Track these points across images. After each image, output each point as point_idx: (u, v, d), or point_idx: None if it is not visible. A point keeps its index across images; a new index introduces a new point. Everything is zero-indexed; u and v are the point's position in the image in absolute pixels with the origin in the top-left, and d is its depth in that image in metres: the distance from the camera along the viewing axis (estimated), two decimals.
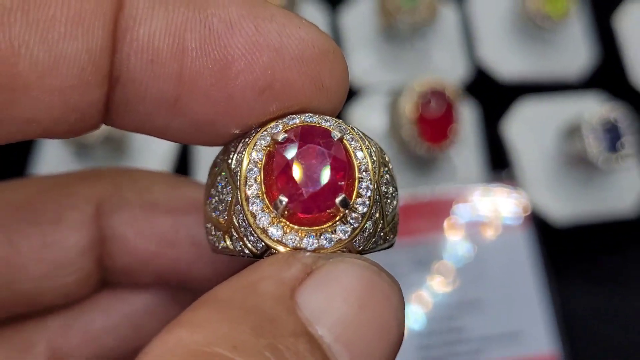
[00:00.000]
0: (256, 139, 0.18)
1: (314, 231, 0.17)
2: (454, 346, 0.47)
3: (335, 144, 0.18)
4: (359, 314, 0.16)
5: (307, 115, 0.19)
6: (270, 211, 0.17)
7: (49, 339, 0.24)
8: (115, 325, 0.24)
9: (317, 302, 0.16)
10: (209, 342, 0.14)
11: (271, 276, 0.16)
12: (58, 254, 0.22)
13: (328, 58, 0.19)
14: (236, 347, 0.14)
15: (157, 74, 0.18)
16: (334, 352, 0.15)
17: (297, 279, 0.16)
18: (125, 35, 0.17)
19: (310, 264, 0.17)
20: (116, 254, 0.23)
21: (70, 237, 0.22)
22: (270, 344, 0.14)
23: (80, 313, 0.24)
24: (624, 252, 0.56)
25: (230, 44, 0.18)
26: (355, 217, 0.18)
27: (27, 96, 0.16)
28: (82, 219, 0.22)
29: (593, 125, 0.50)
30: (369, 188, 0.18)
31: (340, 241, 0.17)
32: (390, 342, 0.16)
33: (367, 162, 0.18)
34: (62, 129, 0.18)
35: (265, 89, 0.18)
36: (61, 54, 0.16)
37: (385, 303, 0.16)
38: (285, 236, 0.17)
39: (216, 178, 0.19)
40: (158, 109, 0.18)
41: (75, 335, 0.24)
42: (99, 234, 0.23)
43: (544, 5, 0.54)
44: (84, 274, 0.23)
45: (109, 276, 0.24)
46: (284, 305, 0.16)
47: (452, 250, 0.50)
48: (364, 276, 0.16)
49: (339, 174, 0.17)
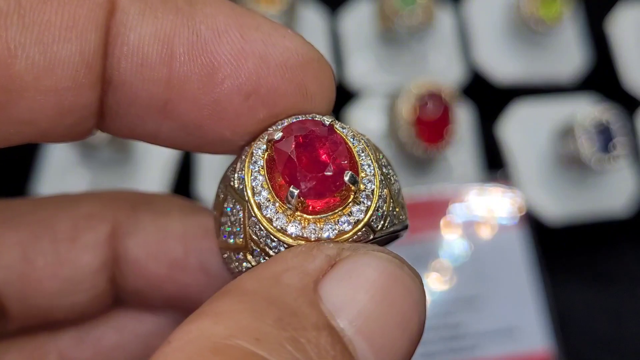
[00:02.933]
0: (252, 150, 0.18)
1: (331, 218, 0.17)
2: (450, 342, 0.48)
3: (329, 129, 0.18)
4: (381, 307, 0.16)
5: (294, 117, 0.19)
6: (285, 210, 0.17)
7: (60, 350, 0.24)
8: (126, 342, 0.25)
9: (340, 294, 0.16)
10: (231, 333, 0.14)
11: (295, 267, 0.16)
12: (72, 272, 0.22)
13: (312, 66, 0.19)
14: (259, 340, 0.14)
15: (147, 78, 0.18)
16: (355, 345, 0.15)
17: (321, 271, 0.16)
18: (116, 40, 0.18)
19: (334, 256, 0.16)
20: (128, 275, 0.23)
21: (84, 256, 0.23)
22: (292, 337, 0.14)
23: (93, 328, 0.24)
24: (617, 250, 0.56)
25: (217, 51, 0.18)
26: (366, 195, 0.18)
27: (23, 97, 0.17)
28: (97, 239, 0.23)
29: (586, 127, 0.51)
30: (371, 166, 0.18)
31: (358, 221, 0.17)
32: (412, 336, 0.16)
33: (362, 145, 0.18)
34: (58, 132, 0.18)
35: (251, 94, 0.18)
36: (56, 56, 0.17)
37: (407, 296, 0.16)
38: (304, 230, 0.17)
39: (223, 205, 0.19)
40: (148, 113, 0.19)
41: (87, 349, 0.24)
42: (113, 254, 0.23)
43: (538, 9, 0.54)
44: (97, 292, 0.23)
45: (122, 296, 0.24)
46: (307, 297, 0.15)
47: (448, 249, 0.50)
48: (387, 269, 0.16)
49: (339, 155, 0.18)
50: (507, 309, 0.49)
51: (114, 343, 0.24)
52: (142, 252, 0.23)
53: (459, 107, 0.53)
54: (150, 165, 0.51)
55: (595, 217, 0.54)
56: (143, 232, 0.23)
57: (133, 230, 0.23)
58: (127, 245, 0.23)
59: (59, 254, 0.22)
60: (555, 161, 0.55)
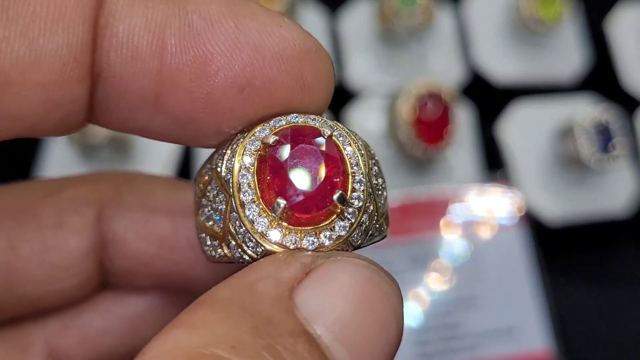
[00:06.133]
0: (244, 144, 0.18)
1: (313, 230, 0.17)
2: (450, 342, 0.48)
3: (327, 141, 0.17)
4: (358, 312, 0.16)
5: (292, 115, 0.18)
6: (268, 215, 0.17)
7: (47, 338, 0.24)
8: (113, 326, 0.24)
9: (316, 301, 0.16)
10: (207, 343, 0.14)
11: (270, 276, 0.16)
12: (59, 258, 0.22)
13: (310, 56, 0.18)
14: (234, 348, 0.14)
15: (137, 70, 0.18)
16: (333, 351, 0.15)
17: (296, 279, 0.16)
18: (105, 32, 0.17)
19: (308, 264, 0.16)
20: (116, 257, 0.23)
21: (71, 241, 0.22)
22: (268, 345, 0.14)
23: (79, 313, 0.24)
24: (616, 250, 0.56)
25: (210, 41, 0.17)
26: (352, 212, 0.17)
27: (8, 92, 0.16)
28: (83, 223, 0.22)
29: (585, 127, 0.51)
30: (362, 182, 0.18)
31: (339, 237, 0.17)
32: (390, 340, 0.16)
33: (357, 157, 0.18)
34: (47, 126, 0.18)
35: (246, 87, 0.18)
36: (42, 50, 0.16)
37: (384, 301, 0.16)
38: (284, 238, 0.17)
39: (206, 187, 0.18)
40: (140, 106, 0.18)
41: (73, 335, 0.24)
42: (99, 237, 0.23)
43: (537, 10, 0.54)
44: (85, 277, 0.23)
45: (109, 278, 0.24)
46: (283, 305, 0.15)
47: (448, 249, 0.50)
48: (363, 274, 0.16)
49: (333, 170, 0.17)
50: (507, 309, 0.49)
51: (100, 327, 0.24)
52: (131, 233, 0.23)
53: (458, 108, 0.53)
54: (150, 165, 0.51)
55: (595, 217, 0.54)
56: (129, 213, 0.23)
57: (119, 211, 0.23)
58: (115, 227, 0.23)
59: (45, 241, 0.22)
60: (554, 161, 0.55)
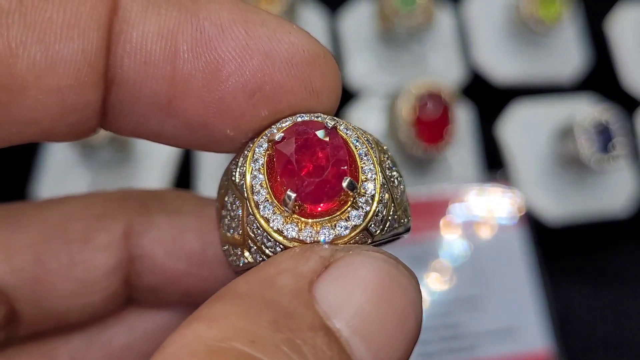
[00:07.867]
0: (254, 148, 0.18)
1: (328, 222, 0.17)
2: (450, 342, 0.48)
3: (332, 132, 0.18)
4: (377, 306, 0.16)
5: (298, 115, 0.19)
6: (282, 211, 0.17)
7: (71, 353, 0.24)
8: (137, 342, 0.24)
9: (335, 295, 0.16)
10: (227, 336, 0.14)
11: (289, 269, 0.16)
12: (85, 273, 0.22)
13: (318, 62, 0.19)
14: (254, 342, 0.14)
15: (150, 76, 0.18)
16: (352, 345, 0.15)
17: (315, 272, 0.16)
18: (119, 38, 0.18)
19: (327, 257, 0.16)
20: (144, 273, 0.23)
21: (97, 257, 0.22)
22: (287, 339, 0.14)
23: (103, 329, 0.24)
24: (616, 250, 0.56)
25: (221, 47, 0.18)
26: (365, 200, 0.17)
27: (25, 96, 0.17)
28: (110, 240, 0.22)
29: (585, 127, 0.51)
30: (373, 170, 0.18)
31: (355, 227, 0.17)
32: (408, 334, 0.16)
33: (365, 148, 0.18)
34: (61, 131, 0.18)
35: (256, 92, 0.18)
36: (58, 55, 0.17)
37: (403, 295, 0.16)
38: (301, 232, 0.17)
39: (224, 198, 0.19)
40: (152, 111, 0.19)
41: (97, 350, 0.24)
42: (127, 254, 0.23)
43: (537, 10, 0.55)
44: (111, 292, 0.23)
45: (135, 294, 0.24)
46: (302, 299, 0.15)
47: (448, 249, 0.50)
48: (382, 268, 0.16)
49: (340, 160, 0.17)
50: (507, 309, 0.49)
51: (124, 343, 0.24)
52: (159, 249, 0.23)
53: (458, 108, 0.53)
54: (151, 165, 0.51)
55: (595, 217, 0.54)
56: (157, 229, 0.23)
57: (147, 228, 0.23)
58: (142, 244, 0.23)
59: (72, 256, 0.22)
60: (554, 161, 0.55)
